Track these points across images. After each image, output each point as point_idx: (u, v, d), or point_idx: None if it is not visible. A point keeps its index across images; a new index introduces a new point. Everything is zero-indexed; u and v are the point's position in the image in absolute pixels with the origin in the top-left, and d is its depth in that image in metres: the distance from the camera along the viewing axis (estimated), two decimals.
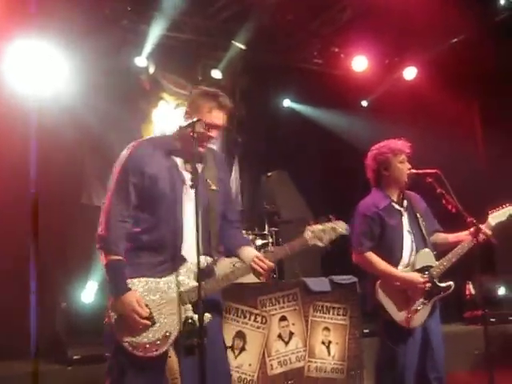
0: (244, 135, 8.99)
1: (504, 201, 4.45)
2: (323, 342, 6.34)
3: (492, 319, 7.58)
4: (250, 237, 6.82)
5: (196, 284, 2.99)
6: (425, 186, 4.11)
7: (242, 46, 8.39)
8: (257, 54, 8.72)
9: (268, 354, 5.99)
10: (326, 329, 6.37)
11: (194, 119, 3.05)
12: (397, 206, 4.25)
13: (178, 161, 3.23)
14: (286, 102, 9.69)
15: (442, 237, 4.33)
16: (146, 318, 2.98)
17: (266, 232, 7.28)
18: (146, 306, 3.01)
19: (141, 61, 8.08)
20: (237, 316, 5.86)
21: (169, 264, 3.10)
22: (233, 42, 8.37)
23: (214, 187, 3.20)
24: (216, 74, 8.68)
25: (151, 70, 8.13)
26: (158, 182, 3.13)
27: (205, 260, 3.11)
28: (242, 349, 5.85)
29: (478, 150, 9.12)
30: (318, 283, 6.40)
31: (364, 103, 9.78)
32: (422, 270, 4.09)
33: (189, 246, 3.09)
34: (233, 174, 9.09)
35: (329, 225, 3.24)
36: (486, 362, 3.64)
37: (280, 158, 8.44)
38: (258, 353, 5.94)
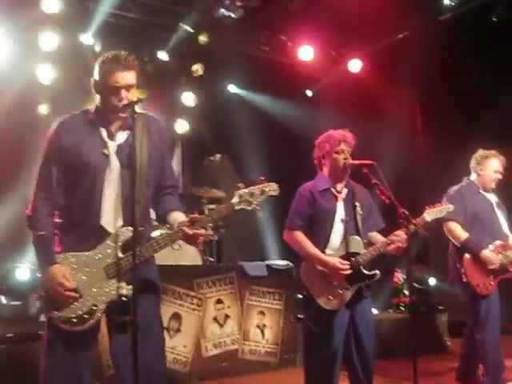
0: (188, 118, 9.00)
1: (441, 190, 4.58)
2: (258, 326, 6.44)
3: (422, 308, 7.84)
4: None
5: (121, 256, 3.01)
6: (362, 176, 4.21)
7: (190, 29, 8.36)
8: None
9: (203, 336, 6.06)
10: (261, 313, 6.48)
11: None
12: (335, 192, 4.34)
13: (102, 130, 3.20)
14: (232, 88, 9.70)
15: (375, 239, 4.39)
16: (72, 291, 2.98)
17: (215, 207, 7.26)
18: (72, 280, 3.00)
19: (87, 38, 7.97)
20: (173, 298, 5.90)
21: (94, 237, 3.08)
22: (181, 24, 8.32)
23: (143, 154, 3.10)
24: (162, 55, 8.62)
25: (97, 48, 8.02)
26: (81, 155, 3.11)
27: (128, 231, 3.04)
28: (178, 330, 5.90)
29: (418, 141, 9.34)
30: (255, 268, 6.49)
31: (309, 93, 9.87)
32: (349, 256, 4.18)
33: (109, 216, 3.09)
34: (174, 157, 9.07)
35: (258, 188, 3.12)
36: (412, 349, 3.76)
37: (223, 142, 8.46)
38: (194, 335, 6.00)
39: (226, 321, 6.23)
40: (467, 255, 5.20)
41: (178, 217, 3.23)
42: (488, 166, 5.36)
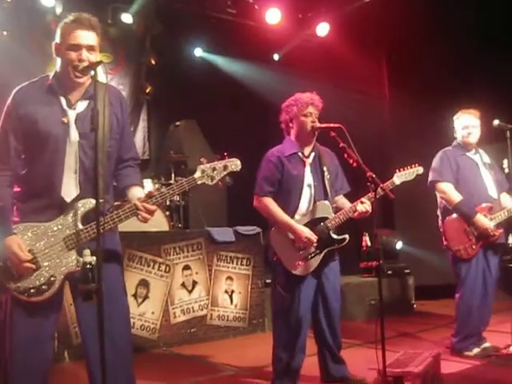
0: (153, 83, 8.86)
1: (405, 156, 4.58)
2: (226, 291, 6.46)
3: (389, 271, 7.94)
4: (156, 185, 6.78)
5: (81, 227, 2.98)
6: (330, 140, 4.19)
7: None
8: (170, 1, 8.52)
9: (171, 302, 6.05)
10: (229, 278, 6.49)
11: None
12: (302, 157, 4.31)
13: (62, 99, 3.11)
14: (198, 51, 9.56)
15: (341, 202, 4.41)
16: (29, 262, 2.93)
17: (172, 181, 7.24)
18: (30, 250, 2.95)
19: (47, 0, 7.74)
20: (140, 264, 5.87)
21: (54, 207, 3.03)
22: None
23: (104, 124, 2.96)
24: (126, 18, 8.43)
25: (58, 10, 7.80)
26: (40, 124, 3.02)
27: (88, 202, 3.01)
28: (145, 297, 5.88)
29: (384, 106, 9.36)
30: (223, 233, 6.48)
31: (276, 56, 9.77)
32: (317, 221, 4.18)
33: (69, 187, 3.04)
34: (140, 122, 8.96)
35: (221, 163, 3.12)
36: (379, 312, 3.78)
37: (189, 107, 8.34)
38: (162, 301, 5.98)
39: (193, 287, 6.22)
40: (449, 218, 5.19)
41: (137, 192, 3.22)
42: (458, 126, 5.36)
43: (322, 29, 9.24)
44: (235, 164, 3.17)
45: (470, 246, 5.14)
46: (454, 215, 5.18)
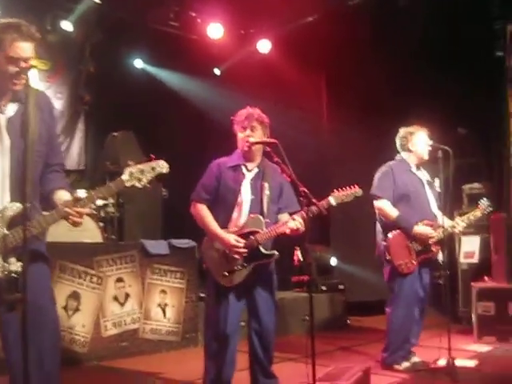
0: (91, 92, 8.74)
1: (344, 172, 4.62)
2: (159, 305, 6.38)
3: (323, 287, 8.02)
4: (83, 190, 6.65)
5: (6, 232, 2.89)
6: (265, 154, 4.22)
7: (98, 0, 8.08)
8: (111, 10, 8.44)
9: (103, 315, 5.94)
10: (163, 291, 6.42)
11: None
12: (244, 170, 4.33)
13: None
14: (138, 63, 9.50)
15: (282, 219, 4.36)
16: None
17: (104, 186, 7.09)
18: None
19: None
20: (72, 276, 5.74)
21: None
22: None
23: (34, 129, 2.96)
24: (66, 25, 8.29)
25: None
26: None
27: (15, 207, 2.93)
28: (76, 309, 5.76)
29: (323, 123, 9.50)
30: (157, 246, 6.42)
31: (217, 71, 9.80)
32: (248, 234, 4.19)
33: (2, 193, 2.97)
34: (77, 132, 8.81)
35: (148, 165, 3.09)
36: (310, 327, 3.81)
37: (127, 118, 8.25)
38: (93, 314, 5.87)
39: (126, 299, 6.12)
40: (391, 234, 5.26)
41: (63, 195, 3.16)
42: (418, 141, 5.43)
43: (264, 45, 9.32)
44: (162, 165, 3.14)
45: (409, 260, 5.25)
46: (398, 230, 5.28)
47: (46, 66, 8.36)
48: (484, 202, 5.55)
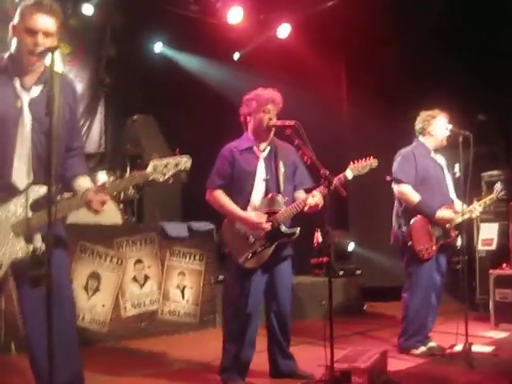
0: (112, 76, 8.76)
1: (362, 157, 4.62)
2: (178, 286, 6.45)
3: (340, 272, 8.03)
4: (111, 178, 6.71)
5: (31, 214, 2.95)
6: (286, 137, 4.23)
7: None
8: None
9: (122, 295, 6.02)
10: (182, 273, 6.48)
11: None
12: (256, 151, 4.35)
13: (16, 81, 3.07)
14: (158, 46, 9.50)
15: (299, 197, 4.41)
16: None
17: (127, 175, 7.16)
18: None
19: None
20: (92, 256, 5.82)
21: (4, 194, 2.98)
22: None
23: (56, 111, 2.91)
24: (87, 9, 8.30)
25: None
26: None
27: (40, 190, 2.97)
28: (96, 289, 5.83)
29: (343, 110, 9.47)
30: (176, 228, 6.47)
31: (236, 55, 9.78)
32: (268, 214, 4.21)
33: (21, 173, 3.01)
34: (97, 114, 8.85)
35: (173, 159, 3.14)
36: (328, 307, 3.84)
37: (147, 101, 8.28)
38: (113, 294, 5.95)
39: (145, 281, 6.19)
40: (414, 219, 5.25)
41: (85, 182, 3.22)
42: (438, 125, 5.39)
43: (283, 30, 9.28)
44: (186, 162, 3.19)
45: (430, 246, 5.25)
46: (419, 216, 5.27)
47: (67, 49, 8.39)
48: (498, 186, 5.56)
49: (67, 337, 3.07)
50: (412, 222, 5.26)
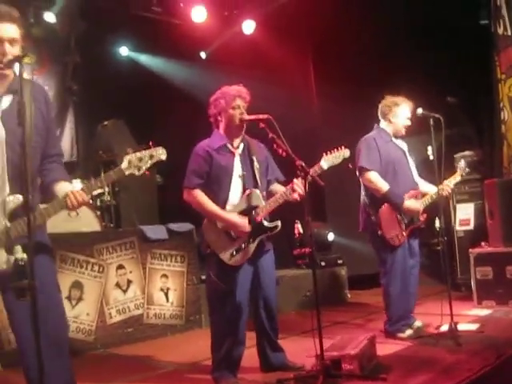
0: (80, 83, 8.69)
1: (336, 141, 4.65)
2: (161, 289, 6.42)
3: (322, 263, 8.07)
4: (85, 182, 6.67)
5: (8, 225, 2.92)
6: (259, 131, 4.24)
7: None
8: None
9: (106, 302, 5.97)
10: (164, 276, 6.46)
11: None
12: (231, 148, 4.34)
13: None
14: (124, 50, 9.45)
15: (275, 189, 4.46)
16: None
17: (103, 174, 7.09)
18: None
19: None
20: (73, 266, 5.76)
21: None
22: None
23: (30, 120, 2.94)
24: (49, 17, 8.23)
25: None
26: None
27: (16, 199, 2.95)
28: (80, 299, 5.78)
29: (312, 101, 9.50)
30: (155, 231, 6.44)
31: (203, 54, 9.76)
32: (249, 210, 4.22)
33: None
34: (67, 123, 8.78)
35: (147, 152, 3.12)
36: (315, 298, 3.87)
37: (117, 106, 8.23)
38: (96, 302, 5.90)
39: (128, 286, 6.16)
40: (383, 207, 5.28)
41: (65, 187, 3.18)
42: (400, 113, 5.42)
43: (248, 26, 9.28)
44: (161, 152, 3.17)
45: (400, 233, 5.29)
46: (386, 204, 5.30)
47: (32, 59, 8.30)
48: (462, 164, 5.65)
49: (58, 345, 3.04)
50: (380, 211, 5.30)
